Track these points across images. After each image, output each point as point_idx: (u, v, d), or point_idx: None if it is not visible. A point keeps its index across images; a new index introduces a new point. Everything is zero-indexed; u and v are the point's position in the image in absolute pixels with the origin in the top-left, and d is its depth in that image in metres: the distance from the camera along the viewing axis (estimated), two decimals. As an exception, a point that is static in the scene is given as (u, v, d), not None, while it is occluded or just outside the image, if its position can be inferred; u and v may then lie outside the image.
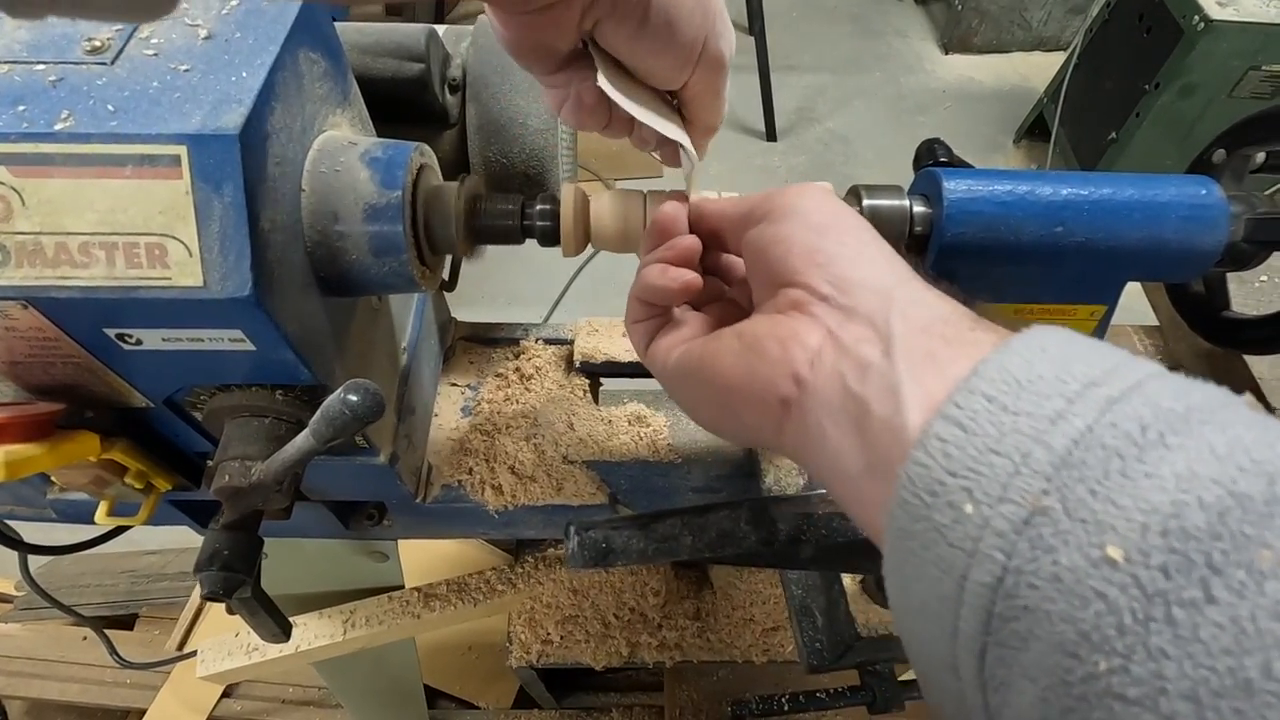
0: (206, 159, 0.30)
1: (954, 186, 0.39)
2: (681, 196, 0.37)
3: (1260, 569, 0.15)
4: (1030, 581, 0.18)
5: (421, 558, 0.99)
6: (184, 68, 0.32)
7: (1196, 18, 1.61)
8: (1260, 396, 0.52)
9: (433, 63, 0.47)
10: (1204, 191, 0.39)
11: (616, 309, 0.52)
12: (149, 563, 1.28)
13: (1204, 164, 0.44)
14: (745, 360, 0.28)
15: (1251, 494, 0.16)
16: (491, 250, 0.43)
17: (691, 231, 0.35)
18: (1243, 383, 0.53)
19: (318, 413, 0.34)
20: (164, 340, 0.34)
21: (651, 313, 0.34)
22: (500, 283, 1.98)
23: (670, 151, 0.38)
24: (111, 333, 0.34)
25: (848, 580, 0.42)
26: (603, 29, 0.30)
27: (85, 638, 1.13)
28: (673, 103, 0.36)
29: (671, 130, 0.34)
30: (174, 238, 0.31)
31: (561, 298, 1.93)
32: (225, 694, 1.08)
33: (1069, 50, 2.00)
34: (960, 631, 0.20)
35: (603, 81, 0.31)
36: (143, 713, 1.07)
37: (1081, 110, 2.00)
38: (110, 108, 0.31)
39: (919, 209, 0.40)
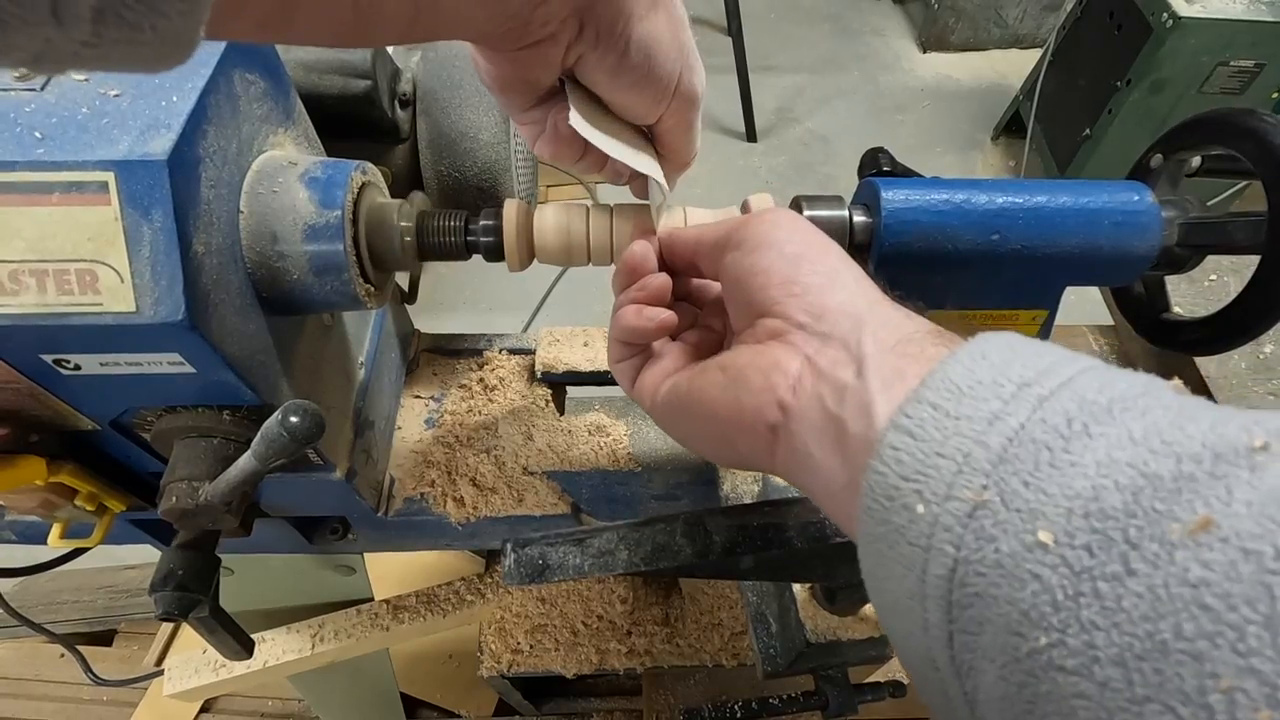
0: (134, 185, 0.30)
1: (892, 196, 0.39)
2: (648, 229, 0.37)
3: (1170, 540, 0.16)
4: (977, 570, 0.20)
5: (396, 565, 0.99)
6: (114, 93, 0.32)
7: (1165, 15, 1.63)
8: (1208, 396, 0.53)
9: (380, 78, 0.47)
10: (1136, 197, 0.39)
11: (598, 315, 0.53)
12: (128, 578, 1.27)
13: (1142, 169, 0.44)
14: (731, 392, 0.29)
15: (1161, 473, 0.18)
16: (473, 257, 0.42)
17: (665, 262, 0.36)
18: (1191, 381, 0.54)
19: (258, 434, 0.34)
20: (102, 365, 0.34)
21: (632, 352, 0.35)
22: (481, 289, 1.98)
23: (641, 185, 0.39)
24: (49, 358, 0.34)
25: (799, 587, 0.42)
26: (584, 64, 0.31)
27: (62, 655, 1.12)
28: (647, 137, 0.37)
29: (643, 163, 0.35)
30: (105, 264, 0.31)
31: (543, 304, 1.93)
32: (204, 709, 1.07)
33: (1044, 48, 2.02)
34: (929, 623, 0.21)
35: (575, 120, 0.32)
36: (120, 730, 1.07)
37: (1056, 107, 2.01)
38: (38, 134, 0.31)
39: (859, 219, 0.41)
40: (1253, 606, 0.15)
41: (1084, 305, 0.69)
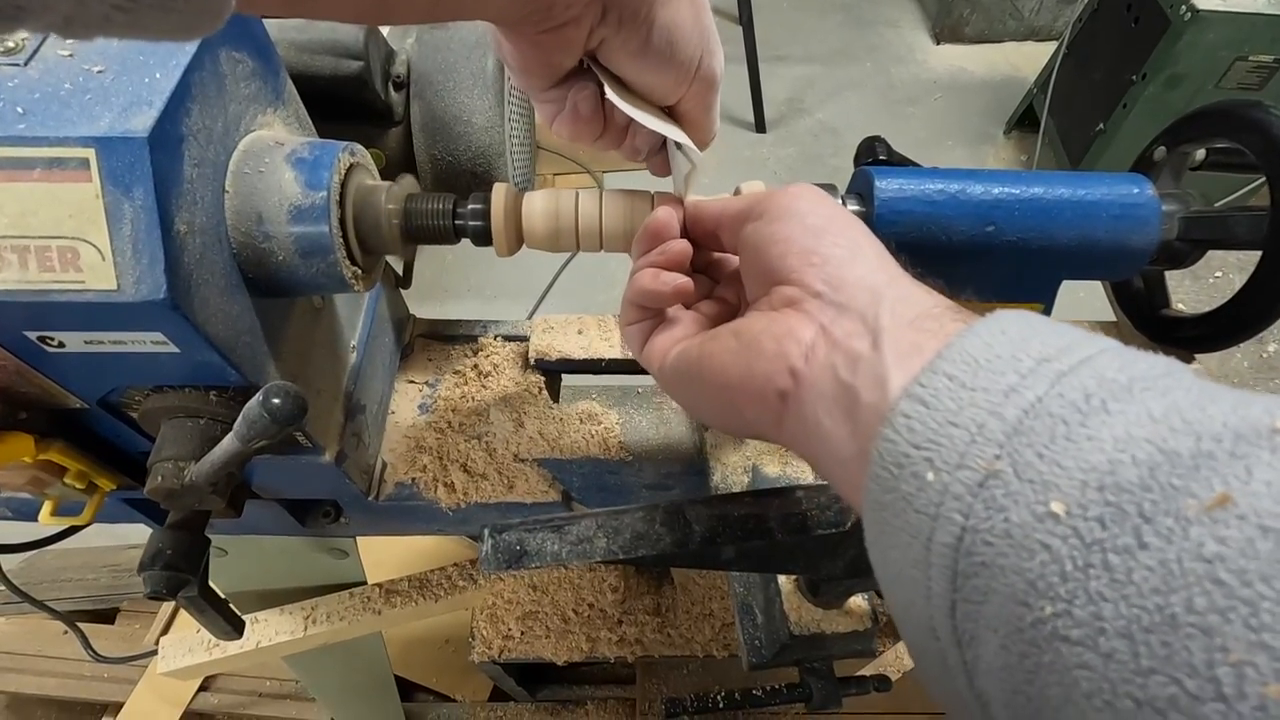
0: (115, 162, 0.30)
1: (885, 185, 0.39)
2: (675, 200, 0.37)
3: (1186, 516, 0.16)
4: (985, 539, 0.20)
5: (393, 551, 1.00)
6: (98, 69, 0.32)
7: (1184, 7, 1.60)
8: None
9: (373, 60, 0.47)
10: (1136, 190, 0.39)
11: (602, 304, 0.53)
12: (131, 557, 1.28)
13: (1145, 162, 0.43)
14: (743, 358, 0.29)
15: (1180, 450, 0.18)
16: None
17: (688, 231, 0.35)
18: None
19: (240, 415, 0.34)
20: (86, 343, 0.34)
21: (645, 315, 0.35)
22: (486, 275, 1.98)
23: (659, 162, 0.39)
24: (33, 335, 0.34)
25: (784, 579, 0.42)
26: (607, 47, 0.31)
27: (65, 632, 1.13)
28: (668, 116, 0.37)
29: (674, 132, 0.35)
30: (86, 241, 0.31)
31: (547, 292, 1.93)
32: (202, 687, 1.08)
33: (1059, 40, 1.99)
34: (932, 592, 0.21)
35: (612, 96, 0.32)
36: (120, 706, 1.08)
37: (1070, 101, 1.98)
38: (19, 110, 0.31)
39: (852, 207, 0.40)
40: (1268, 583, 0.15)
41: (1091, 301, 0.68)
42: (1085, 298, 0.83)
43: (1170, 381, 0.20)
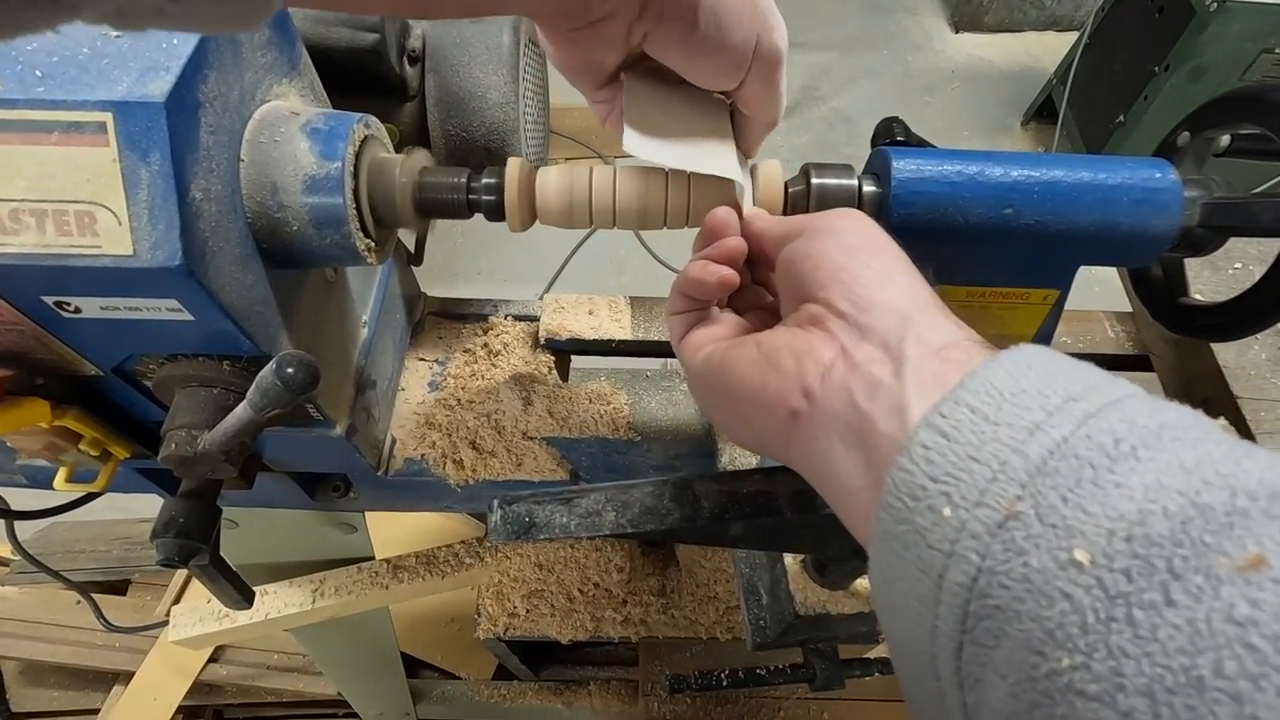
0: (132, 126, 0.30)
1: (902, 166, 0.38)
2: (734, 206, 0.37)
3: (1218, 574, 0.16)
4: (1002, 582, 0.19)
5: (401, 530, 1.01)
6: (115, 34, 0.32)
7: (1209, -2, 1.57)
8: (1224, 384, 0.51)
9: (389, 33, 0.46)
10: (1158, 174, 0.38)
11: (613, 289, 0.53)
12: (142, 530, 1.30)
13: (1168, 147, 0.43)
14: (760, 370, 0.28)
15: (1214, 505, 0.17)
16: (488, 226, 0.42)
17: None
18: (1207, 370, 0.53)
19: (253, 384, 0.34)
20: (103, 309, 0.35)
21: (691, 305, 0.35)
22: (497, 259, 1.98)
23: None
24: (50, 300, 0.34)
25: (790, 559, 0.42)
26: (652, 40, 0.31)
27: (78, 602, 1.15)
28: (726, 104, 0.36)
29: (715, 164, 0.34)
30: (103, 206, 0.31)
31: (558, 275, 1.92)
32: (212, 659, 1.10)
33: (1081, 30, 1.96)
34: (938, 630, 0.20)
35: (629, 144, 0.31)
36: (132, 675, 1.10)
37: (1090, 92, 1.96)
38: (38, 73, 0.31)
39: (868, 188, 0.40)
40: None
41: (1106, 296, 0.68)
42: (1100, 292, 0.82)
43: (1200, 433, 0.20)
